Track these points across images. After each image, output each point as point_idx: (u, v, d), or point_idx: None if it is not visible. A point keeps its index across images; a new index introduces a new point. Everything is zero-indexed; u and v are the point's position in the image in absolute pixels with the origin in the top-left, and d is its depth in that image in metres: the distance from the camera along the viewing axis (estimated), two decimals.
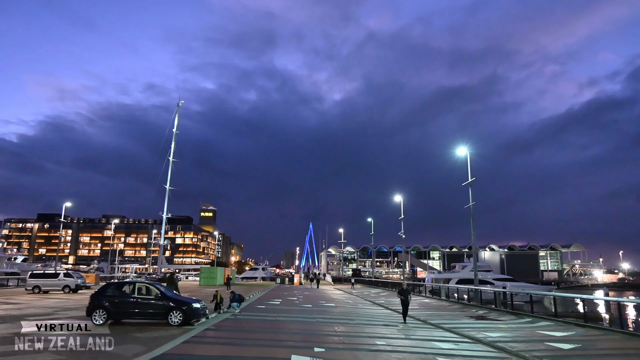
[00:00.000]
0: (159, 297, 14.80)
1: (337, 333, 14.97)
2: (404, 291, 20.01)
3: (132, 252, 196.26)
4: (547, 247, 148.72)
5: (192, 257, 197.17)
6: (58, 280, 37.49)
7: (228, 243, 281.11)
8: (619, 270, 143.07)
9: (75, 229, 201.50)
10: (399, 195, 52.86)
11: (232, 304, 21.06)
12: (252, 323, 17.47)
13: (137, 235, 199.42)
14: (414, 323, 19.32)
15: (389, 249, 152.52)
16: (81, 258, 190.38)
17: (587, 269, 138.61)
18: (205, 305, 16.25)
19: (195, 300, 15.71)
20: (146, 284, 15.60)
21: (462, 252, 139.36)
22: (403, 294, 19.67)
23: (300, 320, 18.66)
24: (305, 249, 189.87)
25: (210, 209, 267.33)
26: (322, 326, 17.03)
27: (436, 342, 13.91)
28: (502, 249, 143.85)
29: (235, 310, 20.89)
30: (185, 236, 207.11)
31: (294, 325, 17.15)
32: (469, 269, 69.96)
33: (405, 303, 19.38)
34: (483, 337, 14.94)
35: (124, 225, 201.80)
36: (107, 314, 14.27)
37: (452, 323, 19.04)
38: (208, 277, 59.40)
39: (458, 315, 23.46)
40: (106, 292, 15.02)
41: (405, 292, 19.93)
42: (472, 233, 29.88)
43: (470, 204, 29.93)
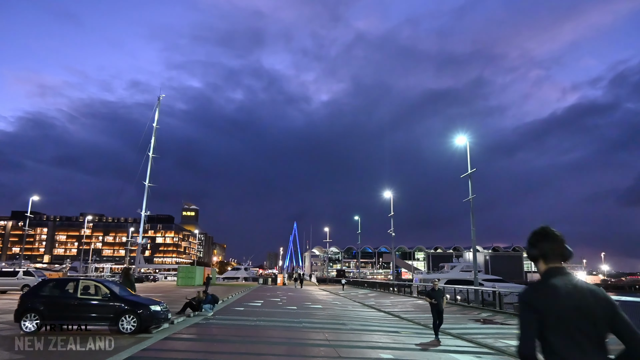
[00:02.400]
0: (109, 297, 11.86)
1: (329, 342, 12.25)
2: (435, 293, 13.56)
3: (110, 252, 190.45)
4: None
5: (173, 256, 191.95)
6: (17, 279, 33.93)
7: (210, 243, 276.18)
8: (597, 272, 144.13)
9: (51, 227, 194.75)
10: (389, 192, 50.43)
11: (204, 305, 18.11)
12: (226, 329, 14.64)
13: (116, 234, 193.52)
14: (414, 328, 16.72)
15: (374, 249, 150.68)
16: (57, 257, 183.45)
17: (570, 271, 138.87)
18: (168, 307, 13.29)
19: (155, 302, 12.76)
20: (94, 281, 12.61)
21: (447, 253, 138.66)
22: (434, 297, 13.46)
23: (284, 326, 15.88)
24: (289, 249, 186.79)
25: (192, 208, 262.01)
26: (311, 333, 14.30)
27: (453, 353, 11.29)
28: (486, 250, 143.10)
29: (208, 313, 17.98)
30: (166, 235, 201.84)
31: (276, 331, 14.38)
32: (458, 269, 68.04)
33: (437, 310, 13.38)
34: (504, 346, 12.41)
35: (102, 223, 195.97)
36: (40, 318, 11.28)
37: (459, 328, 16.51)
38: (186, 276, 56.28)
39: (461, 319, 20.98)
40: (42, 292, 12.01)
41: (438, 294, 13.55)
42: (472, 229, 27.48)
43: (470, 197, 27.58)
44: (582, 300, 2.31)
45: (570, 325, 2.26)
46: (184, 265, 76.89)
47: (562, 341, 2.26)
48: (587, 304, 2.30)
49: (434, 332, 13.48)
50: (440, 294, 13.60)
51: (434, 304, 13.42)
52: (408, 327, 16.45)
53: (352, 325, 16.62)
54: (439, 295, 13.53)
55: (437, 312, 13.39)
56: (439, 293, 13.61)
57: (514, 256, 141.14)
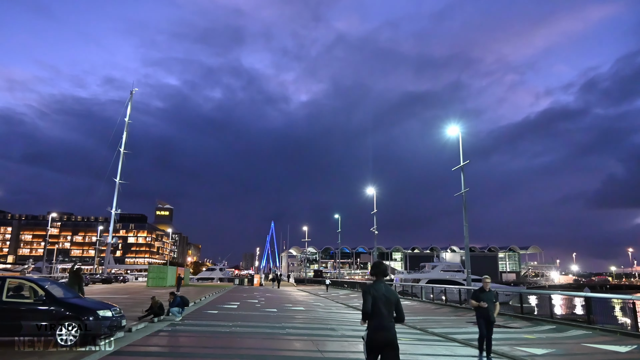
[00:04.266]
0: (44, 300, 9.37)
1: (323, 355, 10.06)
2: (485, 295, 9.88)
3: (79, 252, 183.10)
4: (506, 248, 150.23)
5: (146, 257, 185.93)
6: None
7: (185, 243, 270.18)
8: (567, 272, 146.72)
9: (15, 226, 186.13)
10: (372, 188, 48.56)
11: (172, 309, 15.62)
12: (195, 338, 12.26)
13: (86, 234, 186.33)
14: (414, 333, 14.68)
15: (351, 250, 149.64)
16: (22, 257, 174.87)
17: (543, 271, 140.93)
18: (122, 312, 10.81)
19: (106, 306, 10.27)
20: (26, 280, 10.05)
21: (424, 254, 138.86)
22: (485, 299, 9.78)
23: (265, 332, 13.58)
24: (266, 249, 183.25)
25: (166, 207, 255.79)
26: (297, 341, 12.08)
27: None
28: (462, 250, 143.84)
29: (175, 318, 15.50)
30: (138, 235, 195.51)
31: (256, 340, 12.07)
32: (439, 269, 66.78)
33: (486, 318, 9.72)
34: (524, 355, 10.52)
35: (71, 222, 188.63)
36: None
37: (461, 333, 14.58)
38: (157, 277, 53.21)
39: (457, 321, 19.13)
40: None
41: (489, 297, 9.83)
42: (465, 225, 25.65)
43: (463, 190, 25.82)
44: (386, 293, 5.29)
45: (381, 304, 5.18)
46: (155, 265, 73.44)
47: (376, 310, 5.14)
48: (394, 296, 5.35)
49: (479, 350, 9.88)
50: (492, 297, 9.88)
51: (482, 310, 9.72)
52: (406, 333, 14.39)
53: (343, 331, 14.41)
54: (490, 298, 9.80)
55: (486, 322, 9.69)
56: (490, 296, 9.86)
57: (489, 256, 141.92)
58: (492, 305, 9.78)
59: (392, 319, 5.23)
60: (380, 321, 5.11)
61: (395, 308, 5.28)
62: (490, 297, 9.83)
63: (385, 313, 5.15)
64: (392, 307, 5.24)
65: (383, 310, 5.14)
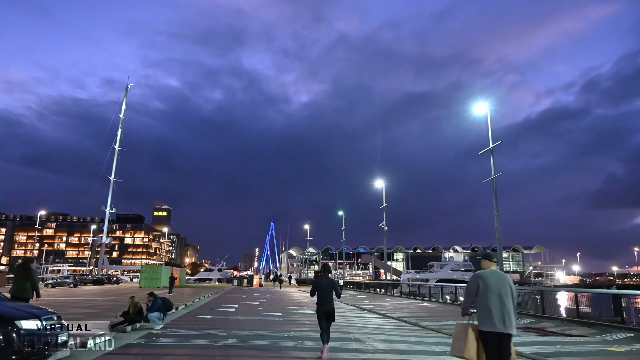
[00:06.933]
0: None
1: None
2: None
3: (75, 253, 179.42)
4: (510, 248, 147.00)
5: (143, 258, 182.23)
6: None
7: (183, 244, 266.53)
8: (570, 272, 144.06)
9: (10, 227, 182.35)
10: (381, 182, 45.39)
11: (150, 315, 12.29)
12: (174, 357, 8.99)
13: (81, 235, 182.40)
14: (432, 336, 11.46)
15: (352, 250, 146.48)
16: (16, 259, 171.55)
17: (548, 271, 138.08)
18: (64, 321, 7.46)
19: (35, 314, 6.97)
20: None
21: (427, 254, 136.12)
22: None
23: (270, 346, 10.30)
24: (266, 249, 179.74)
25: (164, 208, 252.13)
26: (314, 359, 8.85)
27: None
28: (465, 250, 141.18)
29: (155, 325, 12.23)
30: (135, 236, 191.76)
31: (260, 358, 8.85)
32: (448, 268, 63.75)
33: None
34: None
35: (66, 223, 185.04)
36: None
37: (520, 344, 11.38)
38: (150, 277, 50.31)
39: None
40: None
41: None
42: (496, 214, 22.30)
43: (493, 176, 22.60)
44: (328, 282, 8.85)
45: (321, 289, 8.81)
46: (149, 265, 70.32)
47: (319, 293, 8.86)
48: (331, 283, 8.81)
49: None
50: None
51: None
52: (441, 341, 11.19)
53: (373, 342, 11.09)
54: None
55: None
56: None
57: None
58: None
59: (332, 298, 8.69)
60: (321, 299, 8.68)
61: (335, 290, 8.83)
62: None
63: (324, 295, 8.68)
64: (330, 290, 8.73)
65: (322, 293, 8.68)
